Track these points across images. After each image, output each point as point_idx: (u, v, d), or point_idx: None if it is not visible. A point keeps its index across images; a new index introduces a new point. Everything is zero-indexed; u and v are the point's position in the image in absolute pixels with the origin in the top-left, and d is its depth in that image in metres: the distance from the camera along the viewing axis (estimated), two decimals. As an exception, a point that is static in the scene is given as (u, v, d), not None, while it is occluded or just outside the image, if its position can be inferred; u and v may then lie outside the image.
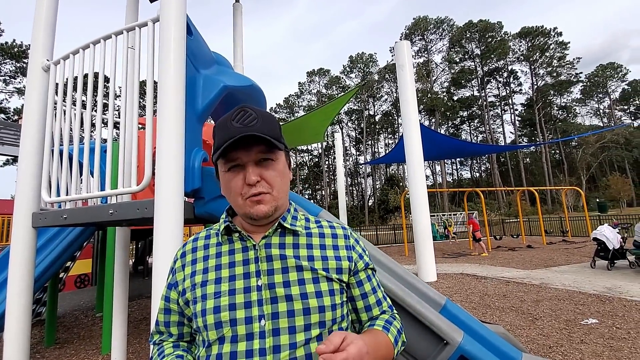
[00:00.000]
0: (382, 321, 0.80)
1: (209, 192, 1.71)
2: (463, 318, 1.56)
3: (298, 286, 0.70)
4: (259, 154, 0.71)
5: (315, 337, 0.68)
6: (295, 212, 0.83)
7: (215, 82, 1.83)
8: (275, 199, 0.73)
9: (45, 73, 2.07)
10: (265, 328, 0.67)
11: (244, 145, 0.70)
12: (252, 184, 0.70)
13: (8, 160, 33.89)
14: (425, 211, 7.46)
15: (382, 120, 56.18)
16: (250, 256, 0.74)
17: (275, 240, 0.75)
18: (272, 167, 0.73)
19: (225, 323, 0.68)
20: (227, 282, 0.71)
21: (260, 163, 0.72)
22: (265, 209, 0.71)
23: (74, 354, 3.79)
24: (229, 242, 0.77)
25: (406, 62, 7.85)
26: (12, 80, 34.66)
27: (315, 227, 0.81)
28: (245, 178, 0.70)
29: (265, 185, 0.72)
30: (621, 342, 3.29)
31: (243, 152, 0.71)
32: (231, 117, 0.72)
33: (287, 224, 0.77)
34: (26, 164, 1.97)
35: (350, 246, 0.80)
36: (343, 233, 0.82)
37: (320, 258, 0.75)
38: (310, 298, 0.69)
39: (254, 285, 0.70)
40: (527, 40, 49.54)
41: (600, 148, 44.64)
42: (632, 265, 6.97)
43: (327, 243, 0.79)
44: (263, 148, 0.71)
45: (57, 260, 3.60)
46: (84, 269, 8.34)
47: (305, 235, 0.78)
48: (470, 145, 17.78)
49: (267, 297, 0.69)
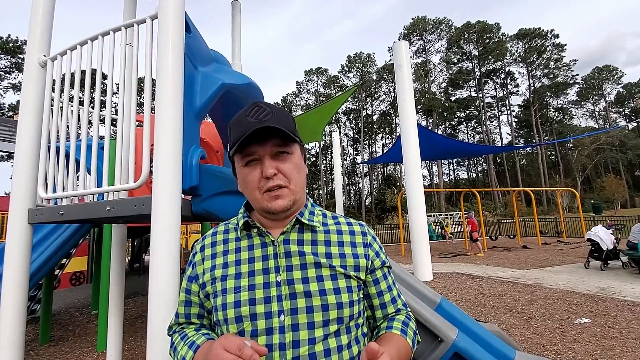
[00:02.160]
0: (399, 323, 0.80)
1: (206, 189, 1.71)
2: (458, 316, 1.58)
3: (317, 282, 0.71)
4: (274, 147, 0.72)
5: (333, 333, 0.69)
6: (313, 207, 0.83)
7: (214, 80, 1.83)
8: (293, 193, 0.74)
9: (42, 69, 2.05)
10: (284, 323, 0.68)
11: (260, 139, 0.71)
12: (269, 177, 0.71)
13: (2, 157, 33.56)
14: (421, 211, 7.50)
15: (380, 120, 56.21)
16: (269, 252, 0.74)
17: (293, 237, 0.76)
18: (289, 160, 0.74)
19: (245, 317, 0.69)
20: (247, 277, 0.72)
21: (276, 156, 0.73)
22: (283, 204, 0.72)
23: (69, 351, 3.78)
24: (247, 237, 0.78)
25: (404, 62, 7.87)
26: (7, 75, 34.29)
27: (333, 223, 0.82)
28: (262, 171, 0.71)
29: (282, 178, 0.73)
30: (613, 341, 3.33)
31: (259, 146, 0.71)
32: (246, 113, 0.73)
33: (304, 219, 0.77)
34: (22, 159, 1.96)
35: (367, 244, 0.81)
36: (360, 230, 0.82)
37: (338, 255, 0.76)
38: (328, 295, 0.70)
39: (274, 281, 0.71)
40: (525, 42, 49.73)
41: (596, 150, 44.96)
42: (625, 266, 7.05)
43: (344, 240, 0.79)
44: (278, 141, 0.72)
45: (53, 257, 3.58)
46: (79, 267, 8.30)
47: (323, 232, 0.78)
48: (467, 146, 17.88)
49: (286, 292, 0.70)
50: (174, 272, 1.40)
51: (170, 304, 1.35)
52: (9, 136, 9.47)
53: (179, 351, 0.73)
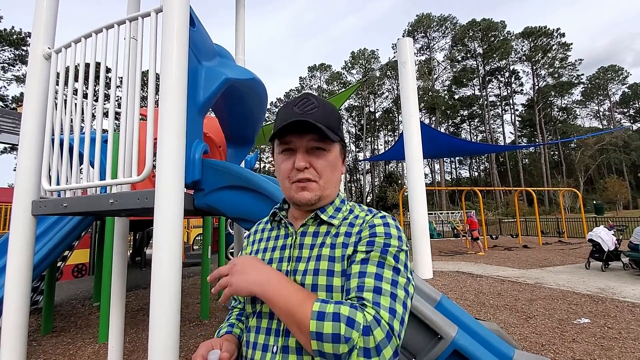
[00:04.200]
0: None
1: (208, 184, 1.72)
2: (458, 314, 1.58)
3: (326, 277, 0.69)
4: (311, 141, 0.73)
5: None
6: (342, 204, 0.81)
7: (218, 75, 1.83)
8: (322, 189, 0.75)
9: (46, 61, 2.05)
10: None
11: (298, 131, 0.72)
12: (300, 169, 0.73)
13: (5, 149, 33.68)
14: (423, 209, 7.47)
15: (383, 117, 56.02)
16: (288, 242, 0.78)
17: (311, 229, 0.78)
18: (323, 156, 0.75)
19: (258, 300, 0.73)
20: (269, 263, 0.76)
21: (312, 151, 0.74)
22: (308, 196, 0.74)
23: (71, 342, 3.82)
24: (277, 227, 0.84)
25: (408, 59, 7.79)
26: (10, 67, 34.30)
27: (354, 217, 0.78)
28: (295, 163, 0.73)
29: (313, 172, 0.74)
30: (612, 341, 3.34)
31: (296, 137, 0.73)
32: (294, 102, 0.75)
33: (324, 215, 0.77)
34: (26, 151, 1.97)
35: (360, 230, 0.75)
36: (366, 219, 0.75)
37: (341, 246, 0.72)
38: (335, 292, 0.68)
39: (284, 270, 0.74)
40: (530, 41, 49.31)
41: (599, 150, 44.72)
42: (626, 267, 7.04)
43: (354, 231, 0.74)
44: (316, 136, 0.73)
45: (55, 249, 3.61)
46: (81, 259, 8.36)
47: (341, 226, 0.76)
48: (469, 145, 17.81)
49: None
50: (177, 265, 1.40)
51: (172, 296, 1.36)
52: (13, 128, 9.50)
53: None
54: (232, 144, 2.71)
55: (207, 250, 4.86)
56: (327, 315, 0.58)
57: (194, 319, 4.57)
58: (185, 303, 5.28)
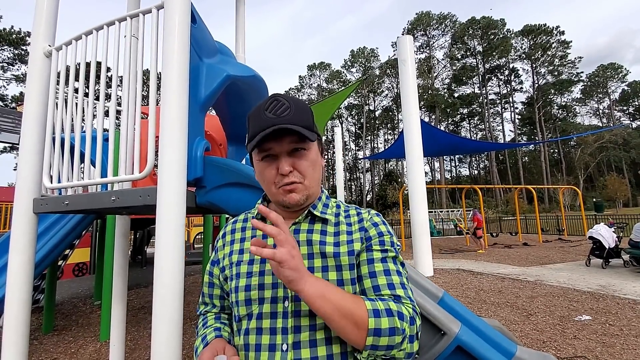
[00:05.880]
0: (380, 300, 0.69)
1: (210, 181, 1.71)
2: (460, 311, 1.58)
3: (321, 273, 0.72)
4: (291, 144, 0.73)
5: None
6: (327, 200, 0.85)
7: (219, 72, 1.82)
8: (307, 188, 0.76)
9: (47, 58, 2.05)
10: (288, 309, 0.70)
11: (276, 136, 0.71)
12: (285, 174, 0.73)
13: (5, 148, 33.63)
14: (423, 207, 7.48)
15: (382, 116, 55.98)
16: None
17: (304, 227, 0.79)
18: (305, 156, 0.75)
19: (254, 301, 0.73)
20: (259, 263, 0.76)
21: (292, 153, 0.74)
22: (297, 198, 0.75)
23: (72, 340, 3.82)
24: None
25: (408, 57, 7.80)
26: (10, 67, 34.24)
27: (345, 215, 0.83)
28: (279, 168, 0.73)
29: (297, 175, 0.75)
30: (613, 338, 3.34)
31: (275, 143, 0.73)
32: (264, 106, 0.73)
33: (317, 212, 0.80)
34: (28, 149, 1.96)
35: (363, 228, 0.80)
36: (363, 217, 0.82)
37: (346, 243, 0.76)
38: (345, 285, 0.72)
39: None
40: (530, 39, 49.27)
41: (599, 148, 44.70)
42: (627, 264, 7.04)
43: (353, 229, 0.79)
44: (295, 138, 0.73)
45: (57, 247, 3.60)
46: (82, 258, 8.36)
47: (333, 224, 0.80)
48: (469, 142, 17.81)
49: None
50: (179, 263, 1.40)
51: (175, 295, 1.36)
52: (13, 127, 9.47)
53: (197, 338, 0.81)
54: (233, 141, 2.70)
55: (208, 248, 4.86)
56: (381, 312, 0.64)
57: (195, 317, 4.57)
58: (186, 301, 5.28)
